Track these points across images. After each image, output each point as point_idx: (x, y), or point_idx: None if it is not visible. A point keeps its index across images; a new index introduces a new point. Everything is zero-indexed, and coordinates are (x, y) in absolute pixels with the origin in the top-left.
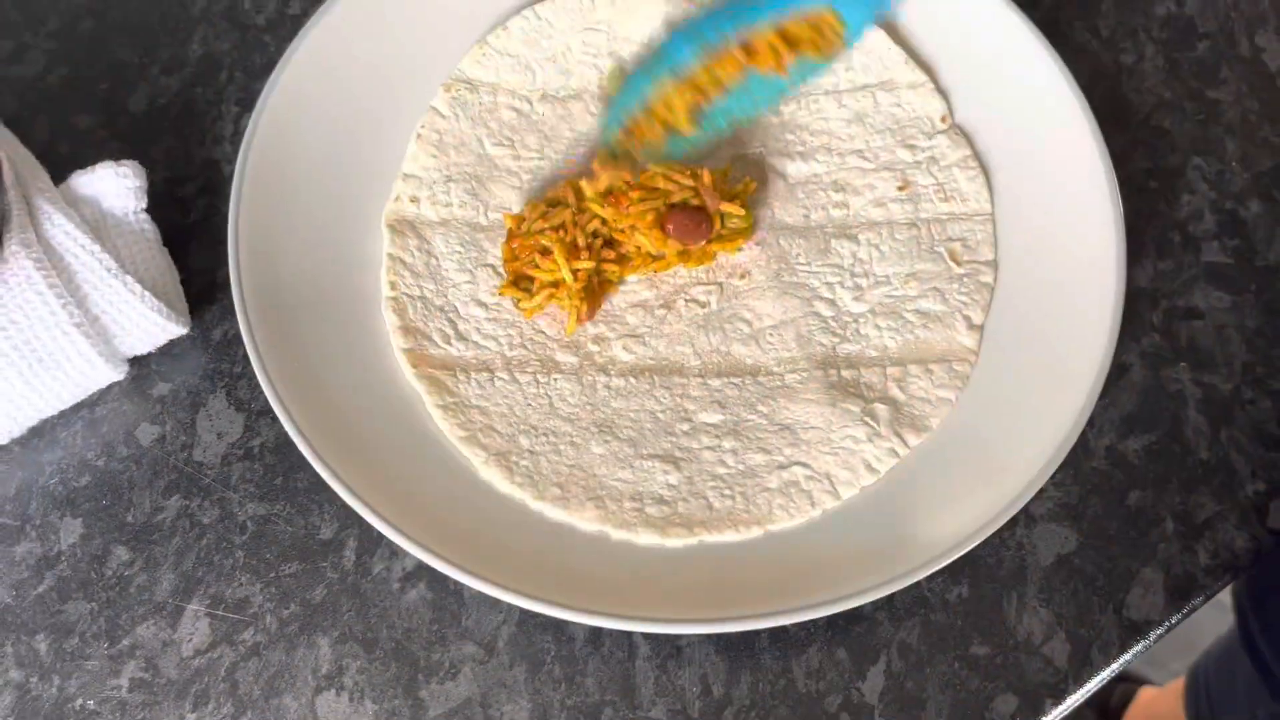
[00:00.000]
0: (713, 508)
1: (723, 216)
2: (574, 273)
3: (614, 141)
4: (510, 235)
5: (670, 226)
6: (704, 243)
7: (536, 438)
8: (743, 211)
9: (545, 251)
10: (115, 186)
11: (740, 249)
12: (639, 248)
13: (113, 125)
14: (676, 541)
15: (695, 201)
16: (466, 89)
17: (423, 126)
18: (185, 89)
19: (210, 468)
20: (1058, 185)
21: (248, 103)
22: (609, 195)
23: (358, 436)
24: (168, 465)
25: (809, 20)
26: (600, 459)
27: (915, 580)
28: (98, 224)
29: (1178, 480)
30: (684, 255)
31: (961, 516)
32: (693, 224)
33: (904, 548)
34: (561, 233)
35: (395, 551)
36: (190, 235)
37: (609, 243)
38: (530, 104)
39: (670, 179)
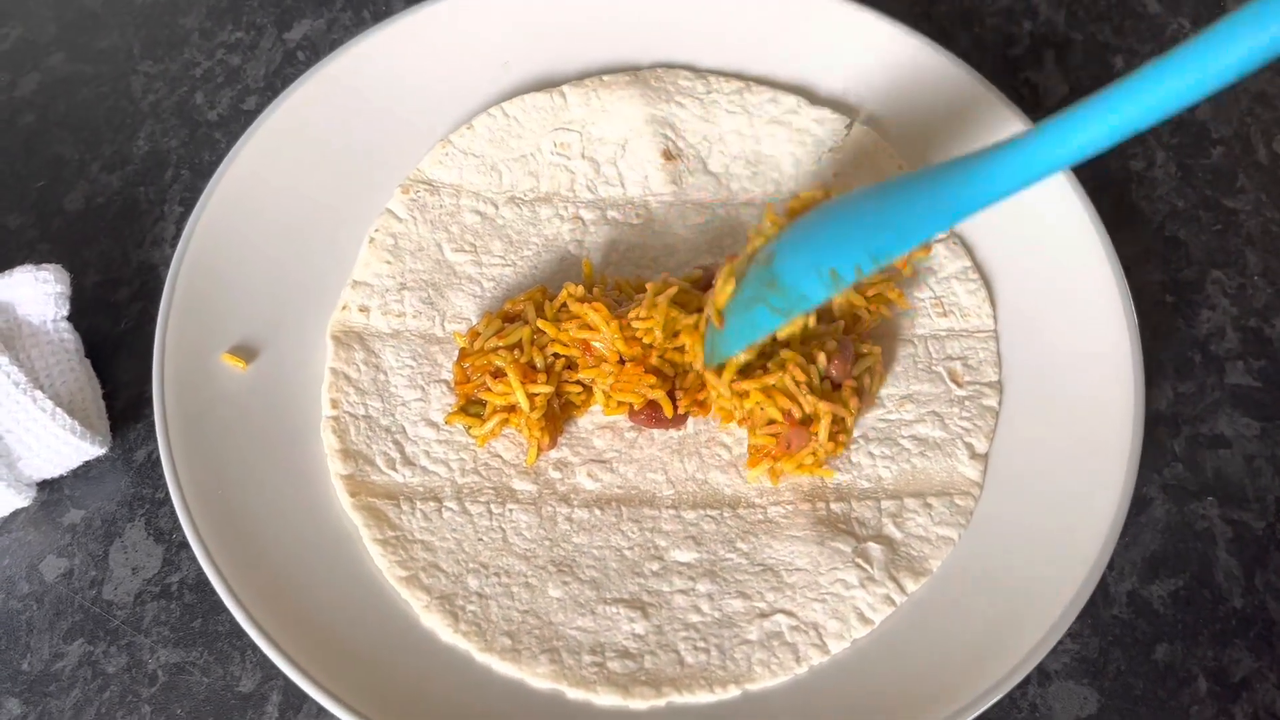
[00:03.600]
0: (684, 663)
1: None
2: (531, 398)
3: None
4: (462, 354)
5: (643, 416)
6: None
7: (486, 578)
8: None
9: (499, 373)
10: (33, 292)
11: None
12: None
13: (45, 225)
14: (641, 703)
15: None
16: (426, 190)
17: (376, 230)
18: (127, 187)
19: (121, 607)
20: (1066, 299)
21: (192, 203)
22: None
23: (285, 576)
24: (73, 605)
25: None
26: (558, 604)
27: None
28: (10, 333)
29: (1209, 631)
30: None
31: (967, 675)
32: (656, 418)
33: (901, 712)
34: (517, 352)
35: (324, 710)
36: (119, 345)
37: (571, 364)
38: (495, 207)
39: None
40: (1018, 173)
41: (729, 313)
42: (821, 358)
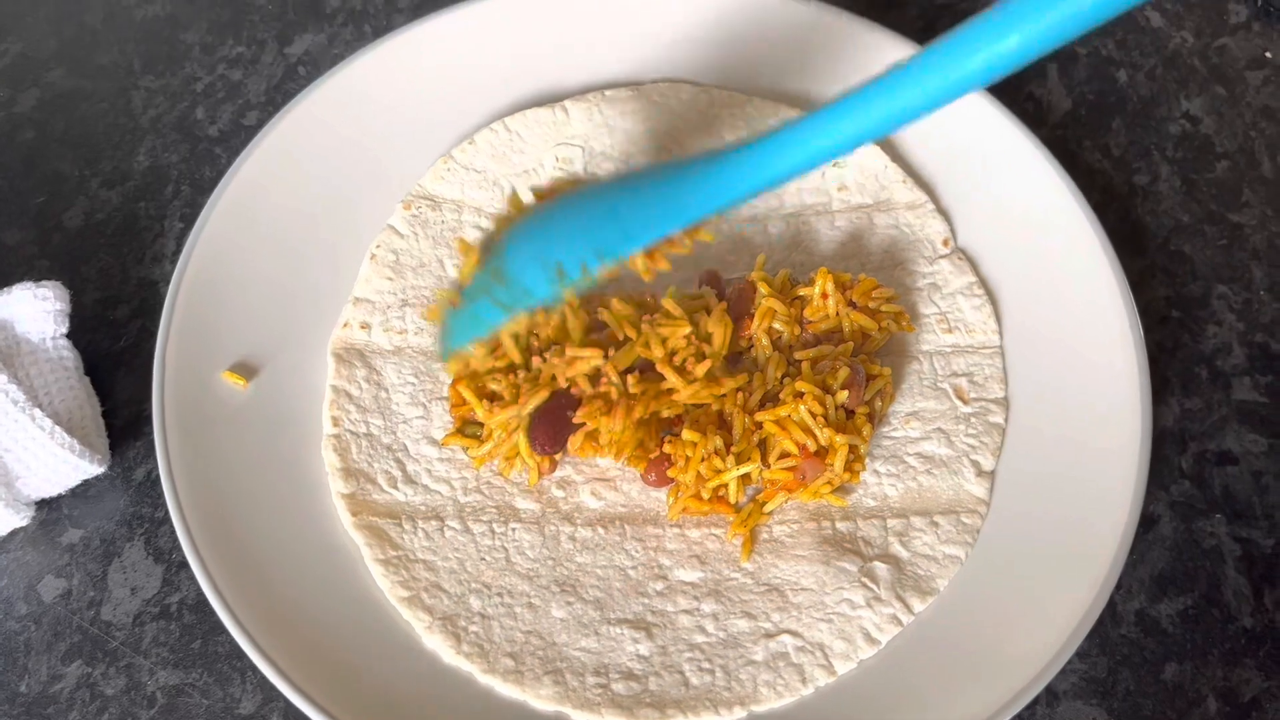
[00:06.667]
0: (689, 684)
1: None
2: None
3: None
4: (457, 378)
5: (536, 439)
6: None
7: (489, 598)
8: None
9: (495, 397)
10: (32, 309)
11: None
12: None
13: (44, 241)
14: None
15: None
16: (428, 206)
17: (378, 246)
18: (126, 203)
19: (120, 628)
20: (1071, 315)
21: (193, 219)
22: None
23: (285, 597)
24: (71, 625)
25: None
26: (561, 624)
27: None
28: (9, 350)
29: (1219, 651)
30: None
31: (973, 695)
32: (555, 431)
33: None
34: (513, 376)
35: None
36: (119, 362)
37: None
38: None
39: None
40: (748, 176)
41: (462, 299)
42: (843, 395)
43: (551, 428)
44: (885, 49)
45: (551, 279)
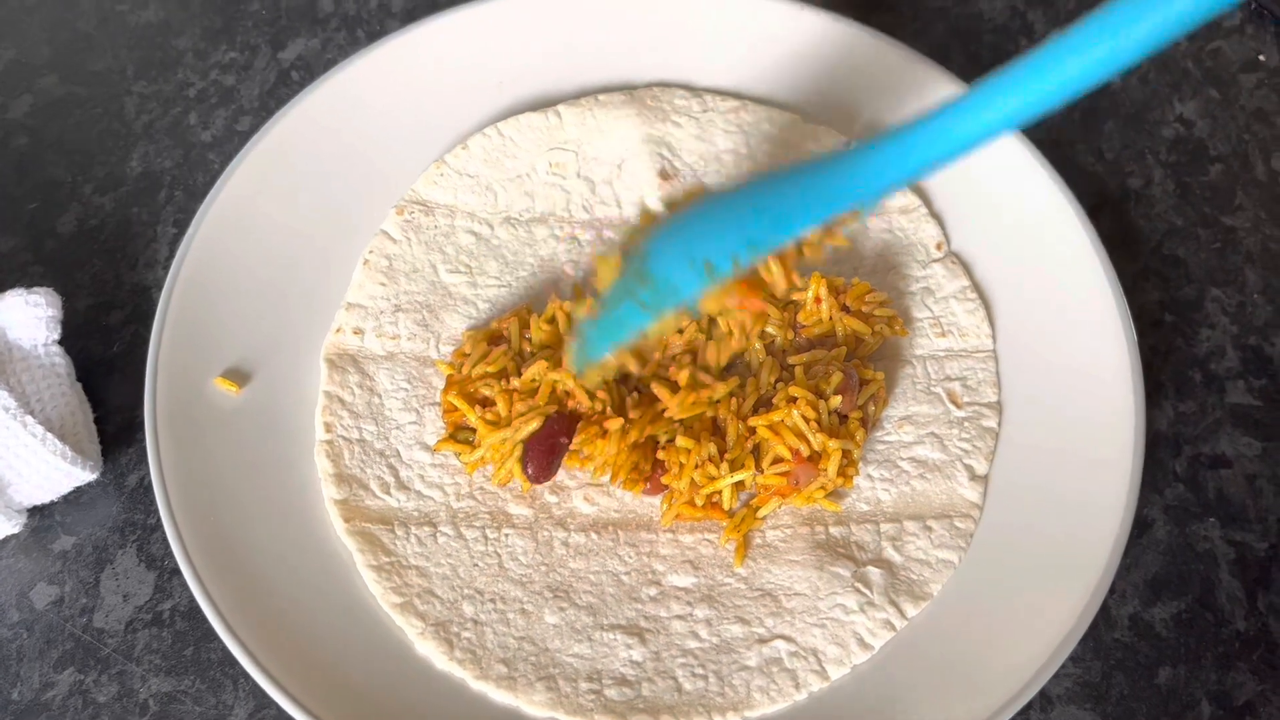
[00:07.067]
0: (682, 690)
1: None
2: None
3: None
4: (449, 383)
5: (529, 466)
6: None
7: (482, 604)
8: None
9: (487, 402)
10: (24, 316)
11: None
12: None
13: (37, 248)
14: None
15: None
16: (421, 211)
17: (371, 252)
18: (120, 209)
19: (112, 635)
20: (1065, 319)
21: (186, 224)
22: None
23: (277, 603)
24: (64, 633)
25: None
26: (554, 630)
27: None
28: (0, 357)
29: (1213, 654)
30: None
31: (968, 700)
32: (549, 460)
33: None
34: (504, 381)
35: None
36: (112, 368)
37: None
38: (491, 228)
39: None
40: (895, 164)
41: (601, 308)
42: (836, 400)
43: (545, 456)
44: (879, 53)
45: (700, 275)
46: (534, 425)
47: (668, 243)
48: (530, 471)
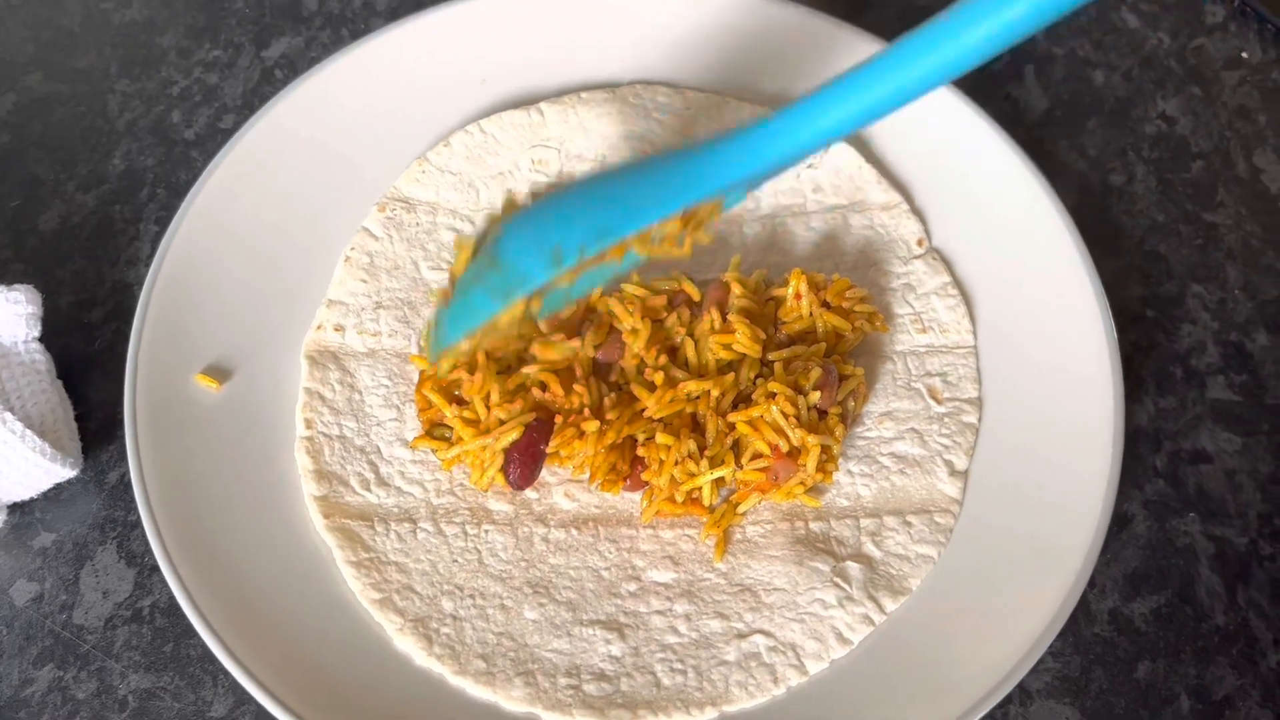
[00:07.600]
0: (661, 685)
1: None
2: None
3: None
4: (422, 379)
5: (510, 474)
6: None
7: (461, 600)
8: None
9: (462, 401)
10: (4, 313)
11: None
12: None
13: (19, 245)
14: None
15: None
16: (403, 208)
17: (352, 248)
18: (102, 206)
19: (91, 632)
20: (1046, 315)
21: (168, 222)
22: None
23: (257, 600)
24: (43, 629)
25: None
26: (533, 625)
27: None
28: None
29: (1192, 649)
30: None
31: (947, 694)
32: (529, 468)
33: None
34: (477, 376)
35: None
36: (93, 365)
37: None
38: (473, 224)
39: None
40: (748, 156)
41: (454, 293)
42: (814, 395)
43: (526, 465)
44: (861, 50)
45: (549, 262)
46: (514, 435)
47: (520, 229)
48: (513, 479)
